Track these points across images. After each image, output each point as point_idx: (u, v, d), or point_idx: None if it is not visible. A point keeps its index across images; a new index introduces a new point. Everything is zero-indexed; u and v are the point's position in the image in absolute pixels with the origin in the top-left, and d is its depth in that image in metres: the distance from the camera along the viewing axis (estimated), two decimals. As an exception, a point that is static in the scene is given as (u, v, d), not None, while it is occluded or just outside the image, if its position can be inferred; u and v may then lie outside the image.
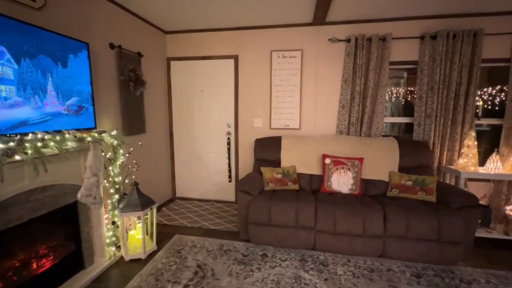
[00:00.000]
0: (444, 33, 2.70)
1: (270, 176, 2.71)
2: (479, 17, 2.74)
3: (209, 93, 3.52)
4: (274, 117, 3.34)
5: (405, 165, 2.70)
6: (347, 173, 2.61)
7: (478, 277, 2.03)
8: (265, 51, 3.27)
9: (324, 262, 2.21)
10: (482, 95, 3.00)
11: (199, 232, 2.78)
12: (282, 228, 2.34)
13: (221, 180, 3.66)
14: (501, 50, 2.75)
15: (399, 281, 1.98)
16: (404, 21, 2.91)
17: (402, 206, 2.22)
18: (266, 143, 3.06)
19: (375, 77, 2.94)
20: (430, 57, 2.80)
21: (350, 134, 3.07)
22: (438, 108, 2.82)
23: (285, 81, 3.24)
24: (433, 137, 2.85)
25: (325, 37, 3.10)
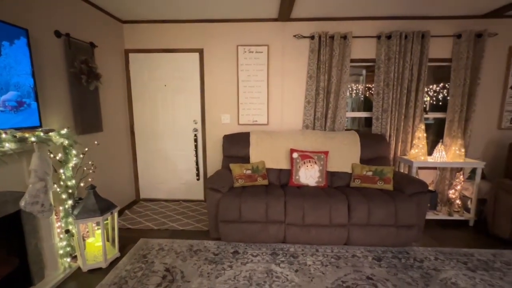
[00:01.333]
0: (397, 34, 2.91)
1: (239, 173, 2.68)
2: (427, 20, 3.01)
3: (173, 88, 3.35)
4: (242, 112, 3.31)
5: (365, 156, 2.88)
6: (314, 167, 2.70)
7: (429, 255, 2.25)
8: (231, 46, 3.20)
9: (294, 254, 2.26)
10: (429, 92, 3.32)
11: (167, 234, 2.66)
12: (253, 224, 2.34)
13: (189, 179, 3.53)
14: (444, 51, 3.06)
15: (362, 265, 2.11)
16: (363, 21, 3.07)
17: (364, 196, 2.37)
18: (234, 139, 3.02)
19: (337, 73, 3.06)
20: (385, 56, 3.00)
21: (316, 128, 3.18)
22: (393, 103, 3.04)
23: (252, 77, 3.22)
24: (389, 130, 3.09)
25: (290, 33, 3.14)
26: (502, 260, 2.18)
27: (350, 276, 1.98)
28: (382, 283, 1.90)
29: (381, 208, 2.26)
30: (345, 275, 1.99)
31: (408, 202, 2.27)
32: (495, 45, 3.01)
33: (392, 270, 2.05)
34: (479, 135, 3.17)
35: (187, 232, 2.70)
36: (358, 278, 1.95)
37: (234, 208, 2.32)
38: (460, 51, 2.94)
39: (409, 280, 1.93)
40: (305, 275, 1.98)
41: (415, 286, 1.86)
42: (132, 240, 2.51)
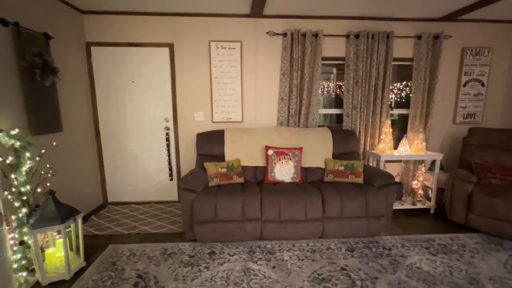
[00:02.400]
0: (365, 33, 3.04)
1: (214, 171, 2.63)
2: (391, 21, 3.18)
3: (142, 85, 3.18)
4: (216, 110, 3.24)
5: (337, 152, 2.97)
6: (289, 163, 2.73)
7: (396, 243, 2.40)
8: (203, 41, 3.11)
9: (271, 250, 2.28)
10: (394, 89, 3.52)
11: (138, 238, 2.52)
12: (229, 223, 2.31)
13: (162, 179, 3.39)
14: (407, 51, 3.26)
15: (336, 257, 2.18)
16: (334, 20, 3.15)
17: (337, 190, 2.45)
18: (208, 137, 2.95)
19: (310, 71, 3.12)
20: (354, 54, 3.12)
21: (290, 125, 3.22)
22: (362, 100, 3.18)
23: (226, 73, 3.16)
24: (359, 126, 3.22)
25: (263, 30, 3.13)
26: (458, 243, 2.39)
27: (325, 268, 2.03)
28: (354, 272, 1.98)
29: (353, 201, 2.35)
30: (321, 267, 2.04)
31: (377, 194, 2.39)
32: (450, 46, 3.27)
33: (364, 260, 2.14)
34: (438, 130, 3.44)
35: (160, 235, 2.59)
36: (333, 270, 2.01)
37: (209, 208, 2.26)
38: (420, 52, 3.15)
39: (379, 268, 2.03)
40: (282, 271, 2.00)
41: (384, 273, 1.97)
42: (99, 247, 2.34)
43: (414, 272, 1.98)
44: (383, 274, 1.96)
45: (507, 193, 2.41)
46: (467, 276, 1.94)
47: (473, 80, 3.35)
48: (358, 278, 1.92)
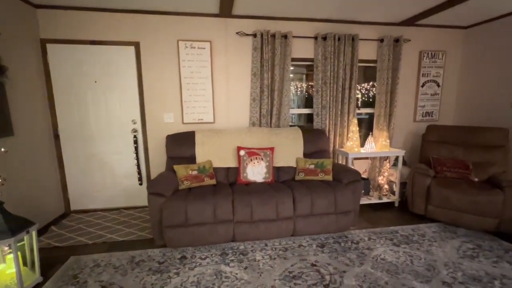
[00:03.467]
0: (332, 36, 3.14)
1: (184, 174, 2.56)
2: (356, 25, 3.32)
3: (106, 85, 3.01)
4: (186, 111, 3.16)
5: (308, 150, 3.04)
6: (261, 163, 2.75)
7: (363, 237, 2.51)
8: (172, 40, 3.02)
9: (244, 251, 2.27)
10: (362, 89, 3.68)
11: (104, 247, 2.38)
12: (201, 226, 2.27)
13: (130, 184, 3.24)
14: (371, 53, 3.42)
15: (307, 253, 2.23)
16: (302, 22, 3.22)
17: (307, 188, 2.50)
18: (178, 139, 2.87)
19: (280, 71, 3.16)
20: (322, 56, 3.22)
21: (262, 125, 3.23)
22: (331, 100, 3.29)
23: (196, 73, 3.10)
24: (328, 125, 3.33)
25: (233, 30, 3.11)
26: (419, 233, 2.57)
27: (296, 265, 2.07)
28: (324, 268, 2.04)
29: (322, 198, 2.42)
30: (292, 265, 2.07)
31: (345, 190, 2.48)
32: (409, 49, 3.49)
33: (333, 254, 2.22)
34: (400, 128, 3.66)
35: (128, 242, 2.47)
36: (304, 267, 2.05)
37: (179, 211, 2.20)
38: (383, 54, 3.32)
39: (347, 262, 2.11)
40: (254, 271, 2.00)
41: (352, 266, 2.05)
42: (59, 260, 2.18)
43: (379, 263, 2.09)
44: (351, 267, 2.03)
45: (459, 185, 2.63)
46: (426, 263, 2.08)
47: (430, 81, 3.61)
48: (327, 273, 1.98)
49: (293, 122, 3.89)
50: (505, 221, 2.40)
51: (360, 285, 1.84)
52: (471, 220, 2.52)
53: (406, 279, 1.89)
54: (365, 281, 1.88)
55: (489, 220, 2.46)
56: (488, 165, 2.85)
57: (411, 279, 1.90)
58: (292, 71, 3.68)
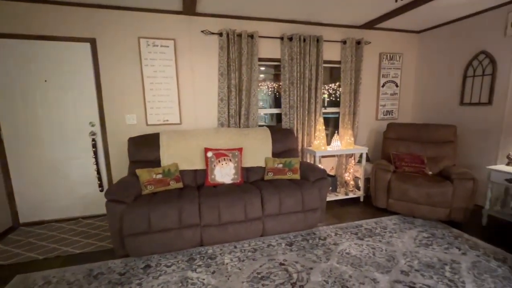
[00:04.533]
0: (297, 36, 3.20)
1: (148, 178, 2.43)
2: (320, 26, 3.41)
3: (58, 85, 2.76)
4: (150, 112, 3.01)
5: (277, 150, 3.07)
6: (229, 164, 2.70)
7: (330, 232, 2.58)
8: (132, 37, 2.86)
9: (212, 255, 2.21)
10: (328, 89, 3.80)
11: (57, 262, 2.18)
12: (166, 232, 2.17)
13: (90, 191, 3.01)
14: (335, 54, 3.54)
15: (276, 253, 2.24)
16: (268, 22, 3.23)
17: (275, 187, 2.51)
18: (141, 141, 2.73)
19: (247, 71, 3.14)
20: (289, 56, 3.26)
21: (231, 126, 3.19)
22: (298, 99, 3.34)
23: (159, 72, 2.97)
24: (296, 124, 3.38)
25: (197, 29, 3.03)
26: (381, 226, 2.70)
27: (265, 266, 2.06)
28: (292, 266, 2.05)
29: (290, 197, 2.45)
30: (260, 266, 2.06)
31: (312, 188, 2.53)
32: (370, 51, 3.67)
33: (301, 252, 2.25)
34: (364, 126, 3.84)
35: (86, 255, 2.28)
36: (272, 266, 2.05)
37: (142, 218, 2.08)
38: (346, 55, 3.46)
39: (314, 258, 2.15)
40: (222, 275, 1.95)
41: (318, 263, 2.09)
42: (2, 280, 1.95)
43: (344, 257, 2.16)
44: (318, 264, 2.08)
45: (415, 179, 2.81)
46: (386, 254, 2.19)
47: (389, 82, 3.83)
48: (295, 271, 1.99)
49: (266, 122, 3.90)
50: (454, 210, 2.62)
51: (326, 281, 1.88)
52: (426, 210, 2.72)
53: (369, 271, 1.97)
54: (331, 276, 1.93)
55: (441, 210, 2.66)
56: (440, 159, 3.09)
57: (373, 270, 1.98)
58: (263, 71, 3.68)
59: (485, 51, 3.01)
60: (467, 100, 3.25)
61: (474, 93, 3.16)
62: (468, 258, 2.12)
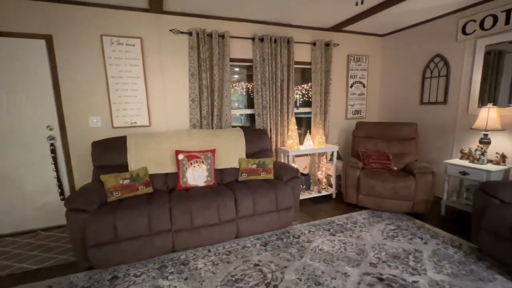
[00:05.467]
0: (268, 37, 3.22)
1: (114, 184, 2.30)
2: (291, 28, 3.47)
3: (8, 85, 2.52)
4: (116, 114, 2.85)
5: (251, 151, 3.06)
6: (202, 166, 2.65)
7: (304, 230, 2.63)
8: (93, 35, 2.69)
9: (185, 261, 2.15)
10: (301, 90, 3.86)
11: (9, 281, 1.97)
12: (134, 240, 2.06)
13: (50, 201, 2.78)
14: (306, 55, 3.63)
15: (251, 254, 2.23)
16: (239, 22, 3.22)
17: (249, 188, 2.50)
18: (107, 145, 2.57)
19: (219, 72, 3.10)
20: (260, 57, 3.27)
21: (204, 127, 3.13)
22: (271, 100, 3.37)
23: (125, 72, 2.82)
24: (270, 125, 3.40)
25: (166, 27, 2.93)
26: (352, 221, 2.81)
27: (239, 268, 2.04)
28: (266, 266, 2.06)
29: (264, 197, 2.45)
30: (235, 268, 2.04)
31: (285, 187, 2.56)
32: (338, 53, 3.81)
33: (276, 252, 2.26)
34: (334, 125, 3.97)
35: (45, 270, 2.10)
36: (247, 268, 2.04)
37: (107, 227, 1.96)
38: (316, 56, 3.55)
39: (289, 257, 2.17)
40: (195, 281, 1.90)
41: (292, 261, 2.11)
42: None
43: (317, 254, 2.20)
44: (291, 262, 2.10)
45: (382, 174, 2.96)
46: (356, 248, 2.28)
47: (357, 82, 4.01)
48: (269, 271, 2.00)
49: (242, 123, 3.87)
50: (417, 203, 2.79)
51: (299, 278, 1.90)
52: (392, 204, 2.87)
53: (340, 266, 2.03)
54: (304, 273, 1.96)
55: (405, 203, 2.83)
56: (404, 155, 3.29)
57: (344, 265, 2.05)
58: (238, 72, 3.66)
59: (440, 55, 3.26)
60: (426, 100, 3.49)
61: (432, 93, 3.41)
62: (429, 246, 2.27)
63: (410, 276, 1.89)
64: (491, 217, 1.97)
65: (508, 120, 2.66)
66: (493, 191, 2.06)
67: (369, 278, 1.88)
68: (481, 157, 2.62)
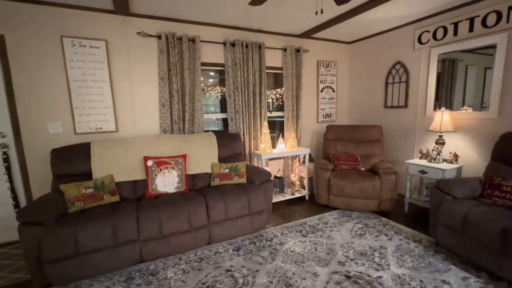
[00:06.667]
0: (240, 42, 3.25)
1: (75, 194, 2.16)
2: (262, 34, 3.53)
3: (-48, 88, 2.29)
4: (79, 119, 2.70)
5: (223, 155, 3.04)
6: (172, 172, 2.58)
7: (277, 233, 2.66)
8: (53, 36, 2.54)
9: (154, 271, 2.07)
10: (276, 94, 3.92)
11: (-50, 306, 1.77)
12: (98, 252, 1.95)
13: (2, 214, 2.54)
14: (277, 61, 3.70)
15: (223, 260, 2.20)
16: (211, 27, 3.22)
17: (221, 193, 2.48)
18: (68, 153, 2.42)
19: (190, 76, 3.07)
20: (232, 62, 3.29)
21: (174, 132, 3.06)
22: (243, 104, 3.39)
23: (89, 76, 2.69)
24: (243, 129, 3.42)
25: (133, 30, 2.85)
26: (323, 222, 2.89)
27: (210, 275, 2.01)
28: (238, 271, 2.04)
29: (236, 202, 2.44)
30: (206, 275, 2.00)
31: (257, 191, 2.57)
32: (308, 59, 3.94)
33: (248, 256, 2.25)
34: (306, 128, 4.09)
35: (-6, 291, 1.91)
36: (218, 274, 2.01)
37: (67, 240, 1.84)
38: (287, 62, 3.65)
39: (261, 260, 2.18)
40: (163, 291, 1.84)
41: (264, 264, 2.12)
42: None
43: (288, 256, 2.24)
44: (263, 265, 2.11)
45: (350, 175, 3.09)
46: (326, 248, 2.34)
47: (327, 87, 4.17)
48: (241, 275, 1.99)
49: (219, 128, 3.83)
50: (383, 201, 2.95)
51: (271, 281, 1.91)
52: (360, 203, 3.00)
53: (310, 266, 2.08)
54: (275, 276, 1.97)
55: (372, 202, 2.97)
56: (371, 156, 3.46)
57: (314, 265, 2.10)
58: (212, 76, 3.63)
59: (401, 62, 3.50)
60: (390, 104, 3.72)
61: (394, 97, 3.64)
62: (393, 242, 2.40)
63: (375, 272, 1.99)
64: (445, 212, 2.13)
65: (460, 122, 2.91)
66: (447, 188, 2.24)
67: (337, 277, 1.95)
68: (437, 156, 2.84)
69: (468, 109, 2.86)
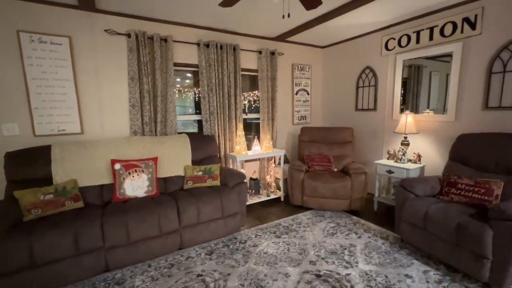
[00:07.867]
0: (214, 44, 3.22)
1: (32, 201, 2.01)
2: (237, 36, 3.53)
3: None
4: (39, 120, 2.52)
5: (197, 157, 2.99)
6: (142, 176, 2.49)
7: (251, 235, 2.65)
8: (8, 30, 2.35)
9: (121, 280, 1.97)
10: (253, 96, 3.93)
11: None
12: (58, 263, 1.82)
13: None
14: (253, 63, 3.72)
15: (195, 265, 2.15)
16: (184, 27, 3.15)
17: (193, 196, 2.43)
18: (24, 156, 2.25)
19: (162, 76, 2.98)
20: (206, 62, 3.25)
21: (146, 134, 2.96)
22: (218, 106, 3.36)
23: (50, 74, 2.52)
24: (218, 131, 3.38)
25: (100, 27, 2.72)
26: (297, 222, 2.93)
27: (181, 281, 1.95)
28: (210, 275, 2.01)
29: (209, 205, 2.40)
30: (176, 281, 1.94)
31: (231, 193, 2.55)
32: (283, 61, 4.00)
33: (221, 259, 2.22)
34: (282, 130, 4.14)
35: None
36: (189, 280, 1.96)
37: (19, 251, 1.70)
38: (262, 64, 3.67)
39: (233, 263, 2.16)
40: (129, 301, 1.76)
41: (237, 267, 2.11)
42: None
43: (261, 257, 2.24)
44: (236, 269, 2.09)
45: (323, 176, 3.17)
46: (299, 248, 2.38)
47: (302, 90, 4.26)
48: (212, 280, 1.95)
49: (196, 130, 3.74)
50: (353, 200, 3.05)
51: (242, 284, 1.90)
52: (333, 203, 3.08)
53: (282, 267, 2.10)
54: (247, 279, 1.96)
55: (344, 202, 3.07)
56: (343, 157, 3.58)
57: (286, 265, 2.12)
58: (187, 77, 3.55)
59: (370, 67, 3.66)
60: (360, 107, 3.88)
61: (364, 100, 3.80)
62: (362, 240, 2.49)
63: (344, 270, 2.04)
64: (408, 209, 2.25)
65: (423, 124, 3.10)
66: (410, 187, 2.37)
67: (308, 276, 1.98)
68: (402, 157, 3.00)
69: (430, 112, 3.06)
